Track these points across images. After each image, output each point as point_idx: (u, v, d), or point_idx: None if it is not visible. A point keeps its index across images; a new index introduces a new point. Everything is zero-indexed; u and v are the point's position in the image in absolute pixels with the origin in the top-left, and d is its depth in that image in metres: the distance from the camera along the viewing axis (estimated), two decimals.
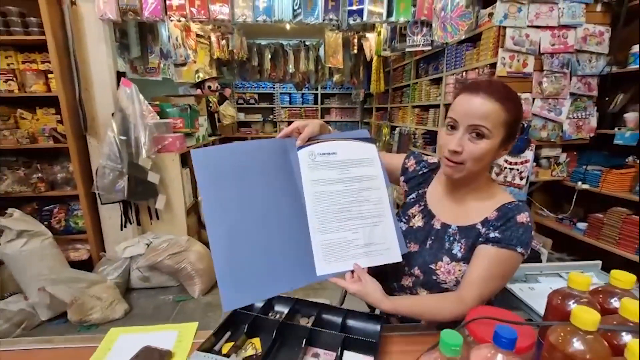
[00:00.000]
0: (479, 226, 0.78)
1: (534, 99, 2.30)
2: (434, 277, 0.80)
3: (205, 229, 0.70)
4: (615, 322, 0.50)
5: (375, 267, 0.76)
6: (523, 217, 0.75)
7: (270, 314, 0.83)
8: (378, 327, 0.76)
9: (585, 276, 0.52)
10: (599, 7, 2.19)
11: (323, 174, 0.77)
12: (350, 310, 0.80)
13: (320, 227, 0.74)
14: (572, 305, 0.52)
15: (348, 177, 0.79)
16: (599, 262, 1.01)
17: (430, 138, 3.47)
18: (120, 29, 2.74)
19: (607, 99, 2.29)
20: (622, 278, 0.56)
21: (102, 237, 2.63)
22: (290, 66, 4.97)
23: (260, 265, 0.69)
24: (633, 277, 0.56)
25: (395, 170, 0.97)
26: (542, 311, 0.85)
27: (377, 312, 0.84)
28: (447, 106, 3.09)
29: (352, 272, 0.74)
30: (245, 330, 0.76)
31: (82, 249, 2.59)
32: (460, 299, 0.73)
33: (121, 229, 2.51)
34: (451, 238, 0.81)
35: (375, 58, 4.47)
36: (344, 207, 0.76)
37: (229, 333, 0.76)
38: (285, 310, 0.83)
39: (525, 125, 2.30)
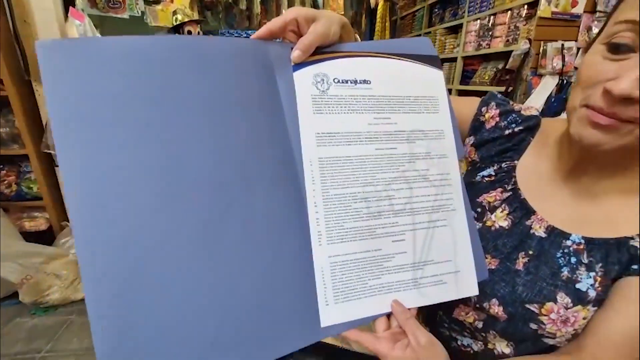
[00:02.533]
0: (636, 242, 0.42)
1: (578, 49, 1.89)
2: (533, 326, 0.44)
3: None
4: None
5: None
6: None
7: None
8: None
9: None
10: None
11: (341, 121, 0.40)
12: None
13: (330, 229, 0.38)
14: None
15: (390, 130, 0.42)
16: None
17: None
18: None
19: None
20: None
21: (63, 205, 2.27)
22: (284, 12, 4.38)
23: (197, 327, 0.32)
24: None
25: (460, 125, 0.54)
26: None
27: None
28: (467, 59, 2.65)
29: (389, 316, 0.40)
30: None
31: (40, 217, 2.24)
32: None
33: None
34: (572, 259, 0.44)
35: (381, 4, 3.92)
36: (378, 189, 0.40)
37: None
38: None
39: (565, 81, 1.92)
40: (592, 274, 0.43)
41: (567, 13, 1.85)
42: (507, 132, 0.54)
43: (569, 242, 0.45)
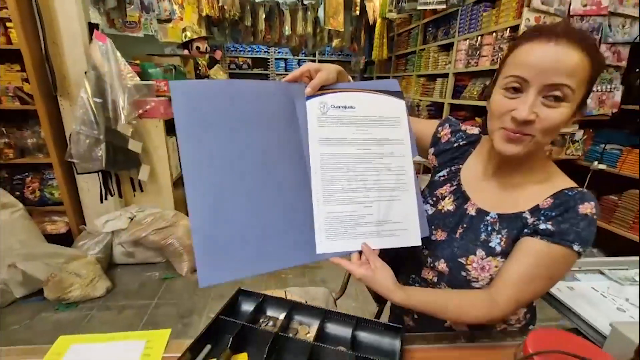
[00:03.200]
0: (527, 215, 0.62)
1: None
2: (464, 274, 0.65)
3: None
4: None
5: (389, 253, 0.65)
6: (587, 208, 0.59)
7: (261, 320, 0.67)
8: (397, 343, 0.60)
9: None
10: None
11: (335, 131, 0.63)
12: (361, 318, 0.64)
13: (326, 196, 0.61)
14: None
15: (366, 138, 0.64)
16: (637, 258, 0.87)
17: (435, 110, 3.25)
18: None
19: (638, 70, 2.09)
20: None
21: (81, 210, 2.44)
22: (287, 28, 4.59)
23: (249, 236, 0.56)
24: None
25: (424, 139, 0.80)
26: (587, 317, 0.71)
27: (386, 309, 0.69)
28: (458, 75, 2.85)
29: (360, 253, 0.63)
30: (230, 343, 0.60)
31: (59, 221, 2.41)
32: (492, 299, 0.61)
33: (101, 201, 2.32)
34: (489, 228, 0.65)
35: (378, 21, 4.14)
36: (357, 174, 0.63)
37: (209, 347, 0.60)
38: (281, 316, 0.67)
39: None
40: (499, 236, 0.64)
41: None
42: (455, 145, 0.77)
43: (488, 217, 0.66)
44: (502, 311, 0.60)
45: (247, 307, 0.70)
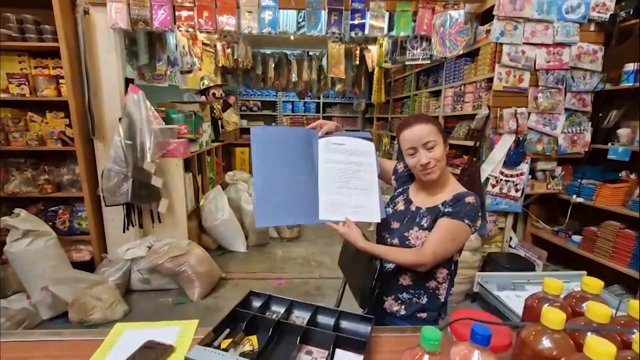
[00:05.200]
0: (440, 206, 1.03)
1: (529, 113, 2.36)
2: (407, 242, 1.05)
3: (205, 232, 0.77)
4: (582, 323, 0.55)
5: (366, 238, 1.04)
6: (470, 199, 1.00)
7: (267, 313, 0.88)
8: (369, 328, 0.80)
9: (558, 281, 0.57)
10: (592, 27, 2.27)
11: (333, 156, 1.08)
12: (343, 311, 0.85)
13: (326, 189, 1.04)
14: (545, 307, 0.57)
15: (350, 161, 1.08)
16: (584, 272, 1.06)
17: None
18: (129, 37, 2.83)
19: (600, 114, 2.36)
20: (591, 284, 0.61)
21: (104, 239, 2.68)
22: (294, 75, 5.07)
23: (284, 202, 0.99)
24: (601, 283, 0.60)
25: (388, 171, 1.26)
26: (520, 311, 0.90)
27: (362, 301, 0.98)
28: (446, 117, 3.16)
29: (344, 223, 1.01)
30: (243, 327, 0.80)
31: (84, 249, 2.64)
32: (419, 251, 1.00)
33: (124, 231, 2.56)
34: (421, 215, 1.06)
35: (376, 69, 4.56)
36: (344, 179, 1.06)
37: (227, 330, 0.81)
38: (282, 310, 0.87)
39: (521, 138, 2.36)
40: (426, 219, 1.04)
41: (516, 87, 2.33)
42: (406, 174, 1.21)
43: (421, 210, 1.07)
44: (424, 257, 0.97)
45: (257, 303, 0.90)
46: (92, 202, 2.53)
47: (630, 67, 2.17)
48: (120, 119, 2.43)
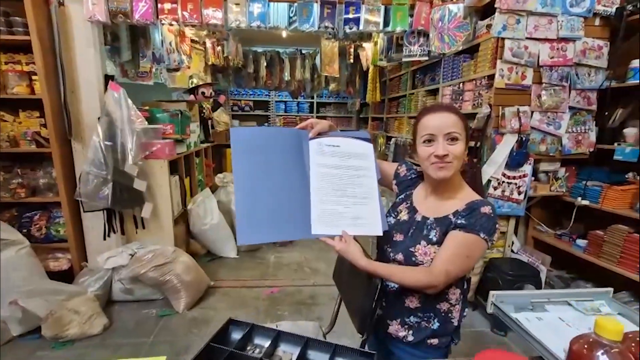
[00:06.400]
0: (451, 216, 0.90)
1: (532, 112, 2.25)
2: (413, 259, 0.90)
3: (194, 237, 0.65)
4: None
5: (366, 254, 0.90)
6: (486, 209, 0.87)
7: (249, 348, 0.74)
8: None
9: (617, 323, 0.44)
10: (597, 22, 2.17)
11: (327, 159, 0.94)
12: (338, 345, 0.72)
13: (319, 198, 0.89)
14: (601, 358, 0.44)
15: (346, 165, 0.94)
16: (611, 290, 0.94)
17: None
18: (111, 32, 2.67)
19: (606, 113, 2.25)
20: None
21: (84, 247, 2.52)
22: (286, 74, 4.93)
23: (271, 215, 0.85)
24: None
25: (389, 175, 1.12)
26: (552, 347, 0.77)
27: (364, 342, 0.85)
28: None
29: (340, 237, 0.87)
30: None
31: (62, 258, 2.47)
32: (429, 271, 0.85)
33: (104, 238, 2.40)
34: (429, 227, 0.92)
35: (371, 68, 4.44)
36: (340, 186, 0.92)
37: None
38: (266, 344, 0.74)
39: (524, 138, 2.25)
40: (435, 231, 0.90)
41: (519, 84, 2.23)
42: (409, 178, 1.08)
43: (428, 221, 0.93)
44: (436, 277, 0.83)
45: (236, 335, 0.77)
46: (70, 207, 2.36)
47: (637, 63, 2.07)
48: (99, 118, 2.27)
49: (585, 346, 0.47)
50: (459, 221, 0.86)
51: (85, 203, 2.27)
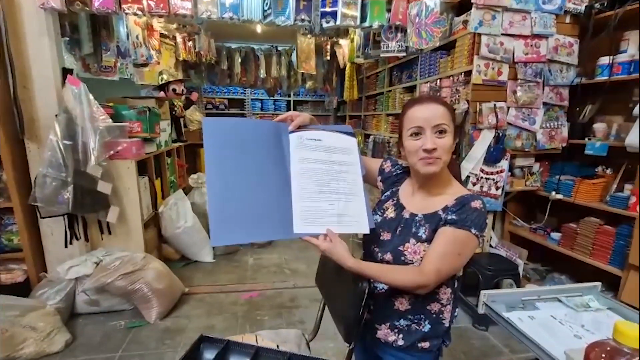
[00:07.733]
0: (441, 212, 0.86)
1: (508, 108, 2.28)
2: (402, 258, 0.86)
3: (166, 242, 0.55)
4: None
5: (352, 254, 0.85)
6: (477, 204, 0.83)
7: None
8: None
9: (637, 328, 0.40)
10: (568, 19, 2.22)
11: (309, 154, 0.88)
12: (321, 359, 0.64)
13: (301, 195, 0.83)
14: None
15: (329, 160, 0.89)
16: (599, 284, 0.93)
17: None
18: (70, 22, 2.46)
19: (577, 109, 2.32)
20: None
21: (43, 256, 2.31)
22: (262, 71, 4.81)
23: (247, 215, 0.78)
24: None
25: (373, 172, 1.07)
26: (548, 347, 0.74)
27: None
28: None
29: (325, 235, 0.81)
30: None
31: (17, 269, 2.26)
32: (420, 270, 0.82)
33: (66, 246, 2.21)
34: (417, 224, 0.88)
35: (348, 65, 4.41)
36: (323, 182, 0.86)
37: None
38: None
39: (501, 134, 2.27)
40: (424, 228, 0.86)
41: (495, 80, 2.25)
42: (394, 173, 1.04)
43: (417, 218, 0.89)
44: (427, 277, 0.80)
45: (209, 355, 0.68)
46: (25, 213, 2.16)
47: (605, 60, 2.14)
48: (57, 115, 2.08)
49: (603, 355, 0.42)
50: (449, 217, 0.83)
51: (42, 208, 2.07)
